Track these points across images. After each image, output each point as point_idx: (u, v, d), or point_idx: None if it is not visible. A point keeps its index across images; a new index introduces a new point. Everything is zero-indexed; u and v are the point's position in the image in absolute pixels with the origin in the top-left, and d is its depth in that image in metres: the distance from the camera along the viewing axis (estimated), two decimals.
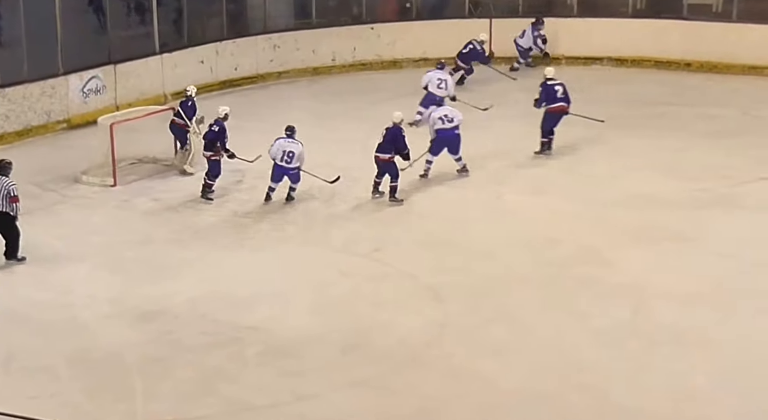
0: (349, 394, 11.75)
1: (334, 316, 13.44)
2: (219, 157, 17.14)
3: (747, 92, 21.99)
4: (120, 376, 12.27)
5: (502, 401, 11.53)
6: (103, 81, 20.99)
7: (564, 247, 15.16)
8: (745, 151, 18.56)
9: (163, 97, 21.41)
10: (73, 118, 20.55)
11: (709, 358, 12.20)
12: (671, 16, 23.59)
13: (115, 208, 17.11)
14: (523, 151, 18.91)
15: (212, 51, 22.62)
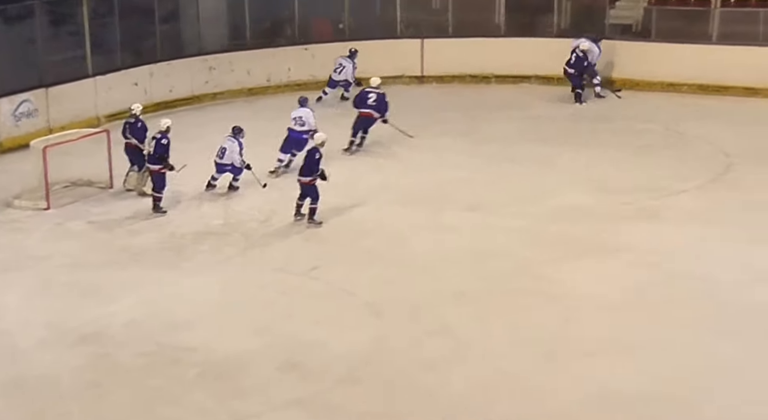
0: (287, 413, 11.65)
1: (272, 336, 13.34)
2: (165, 171, 17.16)
3: (668, 109, 22.29)
4: (57, 401, 12.07)
5: (442, 415, 11.51)
6: (34, 104, 20.76)
7: (499, 261, 15.22)
8: (667, 165, 18.86)
9: (97, 119, 21.21)
10: (4, 141, 20.29)
11: (636, 365, 12.33)
12: (594, 35, 23.80)
13: (48, 232, 16.84)
14: (459, 167, 18.94)
15: (146, 73, 22.46)
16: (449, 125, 21.38)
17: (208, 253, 15.92)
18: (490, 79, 23.89)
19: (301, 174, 16.56)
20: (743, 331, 13.01)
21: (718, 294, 14.01)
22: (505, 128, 21.16)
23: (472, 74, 23.81)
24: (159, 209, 17.24)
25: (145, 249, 16.11)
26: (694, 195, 17.51)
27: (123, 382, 12.35)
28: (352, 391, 12.08)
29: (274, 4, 24.63)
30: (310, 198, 16.48)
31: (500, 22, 25.14)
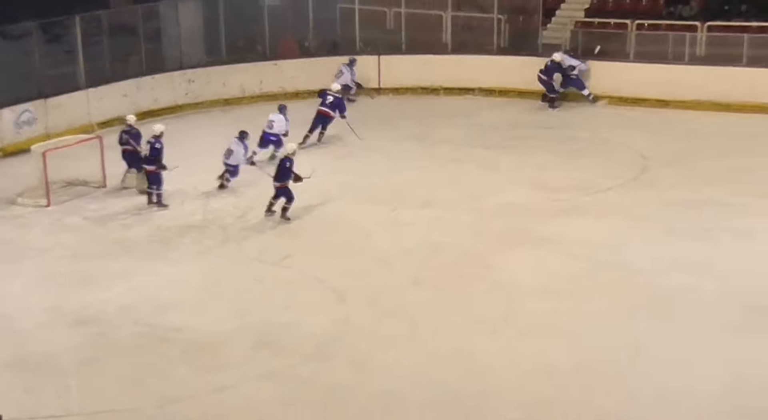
0: (260, 385, 11.74)
1: (248, 317, 13.39)
2: (160, 170, 17.19)
3: (593, 118, 22.32)
4: (57, 375, 12.11)
5: (398, 387, 11.62)
6: (34, 113, 20.63)
7: (449, 252, 15.31)
8: (594, 167, 18.96)
9: (90, 126, 21.10)
10: (7, 147, 20.12)
11: (567, 342, 12.48)
12: (529, 53, 24.00)
13: (49, 226, 16.77)
14: (413, 169, 19.04)
15: (133, 86, 22.36)
16: (403, 131, 21.46)
17: (190, 245, 15.90)
18: (439, 91, 23.98)
19: (275, 179, 16.57)
20: (658, 312, 13.20)
21: (637, 279, 14.17)
22: (453, 134, 21.25)
23: (423, 86, 23.92)
24: (161, 204, 17.31)
25: (135, 241, 16.09)
26: (617, 192, 17.63)
27: (116, 359, 12.40)
28: (318, 366, 12.16)
29: (247, 24, 24.52)
30: (285, 198, 16.50)
31: (447, 41, 25.17)
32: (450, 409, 11.19)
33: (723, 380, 11.56)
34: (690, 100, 22.16)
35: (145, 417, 11.19)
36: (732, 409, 11.02)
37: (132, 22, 23.04)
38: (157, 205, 17.33)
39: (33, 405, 11.16)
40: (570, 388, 11.48)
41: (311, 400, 11.40)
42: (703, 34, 23.02)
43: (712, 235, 15.56)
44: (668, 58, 23.01)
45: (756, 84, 21.69)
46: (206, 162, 18.50)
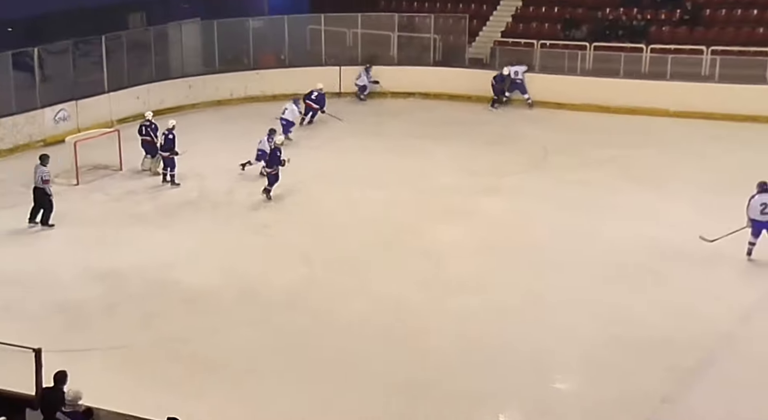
0: (242, 327, 11.73)
1: (232, 274, 13.33)
2: (173, 156, 16.97)
3: (509, 116, 22.23)
4: (84, 316, 12.07)
5: (351, 328, 11.70)
6: (68, 112, 20.24)
7: (394, 223, 15.25)
8: (506, 155, 18.96)
9: (111, 122, 20.73)
10: (48, 138, 19.68)
11: (487, 296, 12.53)
12: (458, 65, 23.91)
13: (78, 201, 16.51)
14: (366, 157, 18.90)
15: (145, 90, 21.97)
16: (358, 127, 21.30)
17: (188, 217, 15.75)
18: (387, 95, 23.82)
19: (266, 165, 16.30)
20: (554, 268, 13.32)
21: (539, 244, 14.26)
22: (398, 129, 21.12)
23: (375, 91, 23.74)
24: (174, 183, 17.08)
25: (145, 213, 15.92)
26: (524, 175, 17.59)
27: (130, 305, 12.37)
28: (288, 313, 12.17)
29: (235, 41, 24.21)
30: (269, 181, 16.24)
31: (394, 55, 25.03)
32: (392, 343, 11.27)
33: (601, 317, 11.78)
34: (580, 103, 22.24)
35: (152, 351, 11.16)
36: (609, 338, 11.22)
37: (145, 40, 22.70)
38: (171, 184, 17.08)
39: (66, 341, 11.06)
40: (486, 328, 11.62)
41: (283, 340, 11.40)
42: (591, 52, 23.08)
43: (596, 209, 15.66)
44: (564, 70, 23.05)
45: (630, 92, 21.82)
46: (202, 150, 18.27)
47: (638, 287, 12.71)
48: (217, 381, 10.41)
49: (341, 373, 10.60)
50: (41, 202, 14.94)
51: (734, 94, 21.09)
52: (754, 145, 19.07)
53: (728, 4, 23.82)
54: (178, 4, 25.28)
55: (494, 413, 10.04)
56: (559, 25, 24.94)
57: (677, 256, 13.63)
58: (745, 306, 12.07)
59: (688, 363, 10.63)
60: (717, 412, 9.69)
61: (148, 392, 10.03)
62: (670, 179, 17.07)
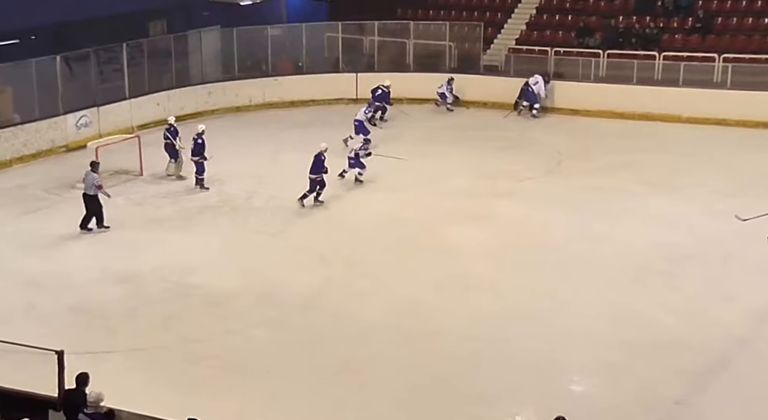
0: (261, 330, 11.74)
1: (252, 277, 13.33)
2: (203, 160, 17.00)
3: (524, 122, 22.11)
4: (105, 319, 12.09)
5: (367, 330, 11.67)
6: (90, 118, 20.32)
7: (410, 226, 15.23)
8: (521, 160, 18.88)
9: (132, 128, 20.84)
10: (70, 143, 19.80)
11: (500, 294, 12.57)
12: (473, 72, 23.81)
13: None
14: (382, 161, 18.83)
15: (165, 97, 22.06)
16: (376, 132, 21.22)
17: (207, 221, 15.77)
18: (403, 101, 23.78)
19: (310, 172, 15.93)
20: (569, 271, 13.28)
21: (554, 246, 14.21)
22: (415, 134, 21.04)
23: (392, 97, 23.73)
24: (203, 186, 17.02)
25: (165, 218, 15.94)
26: (539, 180, 17.57)
27: (150, 308, 12.37)
28: (306, 315, 12.15)
29: (254, 48, 24.28)
30: (311, 189, 15.94)
31: (410, 62, 25.02)
32: (408, 345, 11.24)
33: (615, 320, 11.72)
34: (594, 109, 22.15)
35: (172, 353, 11.16)
36: (623, 341, 11.16)
37: (165, 48, 22.78)
38: (200, 187, 17.03)
39: (88, 343, 11.09)
40: (500, 329, 11.56)
41: (300, 342, 11.39)
42: (604, 59, 23.01)
43: (610, 212, 15.59)
44: (579, 77, 22.96)
45: (643, 98, 21.70)
46: (221, 155, 18.29)
47: (652, 290, 12.63)
48: (237, 382, 10.41)
49: (357, 374, 10.58)
50: (93, 208, 14.87)
51: (746, 101, 20.99)
52: (766, 150, 18.93)
53: (739, 13, 23.81)
54: (198, 13, 25.41)
55: (508, 415, 9.97)
56: (573, 33, 24.88)
57: (690, 258, 13.58)
58: (759, 308, 11.99)
59: (702, 365, 10.57)
60: (730, 414, 9.64)
61: (168, 393, 10.04)
62: (683, 184, 16.97)
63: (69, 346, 9.16)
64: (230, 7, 24.99)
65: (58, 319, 11.94)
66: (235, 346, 11.28)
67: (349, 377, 10.50)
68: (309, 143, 18.59)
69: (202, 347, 11.25)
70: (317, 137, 20.24)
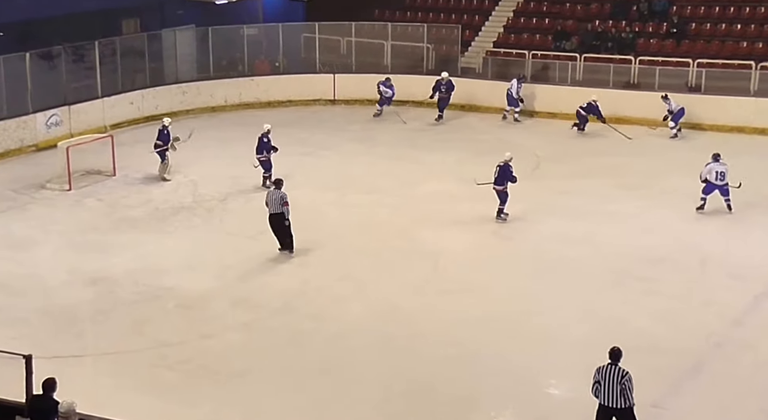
0: (236, 333, 11.55)
1: (227, 279, 13.11)
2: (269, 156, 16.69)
3: (500, 124, 22.01)
4: (75, 322, 11.86)
5: (346, 333, 11.51)
6: (60, 117, 19.96)
7: (388, 229, 15.05)
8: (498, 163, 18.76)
9: (104, 127, 20.53)
10: (39, 143, 19.43)
11: (479, 298, 12.43)
12: (451, 74, 23.49)
13: (70, 206, 16.28)
14: (358, 163, 18.72)
15: (139, 96, 21.77)
16: (352, 134, 21.16)
17: (182, 222, 15.51)
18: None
19: (495, 183, 15.22)
20: (547, 274, 13.20)
21: (531, 250, 14.16)
22: (391, 137, 20.96)
23: (369, 99, 23.50)
24: (267, 184, 16.30)
25: (138, 219, 15.65)
26: (516, 184, 17.35)
27: (121, 311, 12.10)
28: (283, 318, 11.97)
29: (230, 48, 24.06)
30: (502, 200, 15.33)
31: (388, 63, 24.90)
32: (387, 349, 11.08)
33: (594, 324, 11.63)
34: (572, 113, 22.05)
35: (145, 357, 10.91)
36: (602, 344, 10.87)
37: (139, 46, 22.50)
38: (265, 185, 16.43)
39: (56, 347, 10.81)
40: (479, 333, 11.41)
41: (277, 345, 11.19)
42: (581, 63, 23.07)
43: (588, 215, 15.54)
44: (555, 81, 23.01)
45: (618, 101, 21.72)
46: (197, 156, 18.04)
47: (630, 293, 12.59)
48: (211, 386, 10.19)
49: (336, 378, 10.40)
50: (282, 229, 13.62)
51: (720, 106, 21.10)
52: (740, 154, 19.01)
53: (713, 19, 24.03)
54: (172, 11, 25.14)
55: (489, 418, 9.85)
56: (549, 37, 24.93)
57: (667, 262, 13.55)
58: (735, 311, 11.98)
59: (678, 369, 10.52)
60: (707, 418, 9.57)
61: (140, 398, 9.79)
62: (660, 187, 16.98)
63: (37, 350, 8.87)
64: (205, 6, 24.73)
65: (26, 322, 11.63)
66: (210, 349, 11.05)
67: (326, 381, 10.32)
68: (286, 145, 18.50)
69: (175, 351, 10.99)
70: (295, 138, 20.21)
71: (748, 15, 23.66)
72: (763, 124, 20.60)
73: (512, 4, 26.16)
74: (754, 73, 21.31)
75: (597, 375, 8.80)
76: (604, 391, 8.70)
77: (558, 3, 25.75)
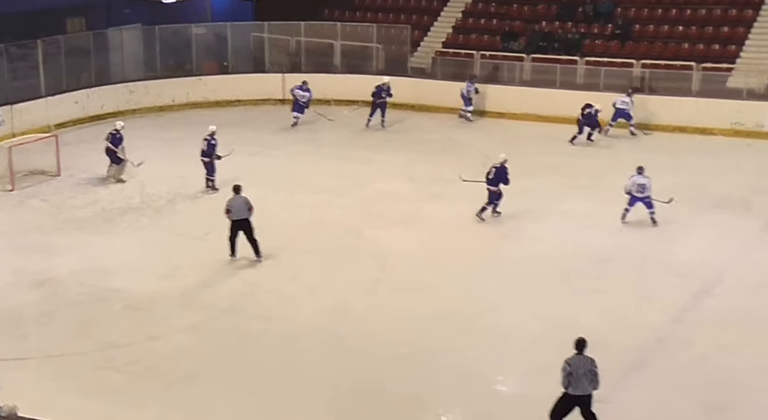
0: (184, 334, 11.42)
1: (175, 280, 12.97)
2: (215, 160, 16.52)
3: (449, 124, 22.18)
4: (18, 325, 11.63)
5: (296, 334, 11.44)
6: (3, 116, 19.51)
7: (338, 229, 15.04)
8: (448, 163, 18.74)
9: (48, 127, 20.12)
10: None
11: (429, 296, 12.50)
12: (400, 74, 23.82)
13: (13, 207, 15.97)
14: (306, 163, 18.68)
15: (84, 95, 21.42)
16: (300, 134, 21.09)
17: (129, 223, 15.31)
18: (330, 102, 23.61)
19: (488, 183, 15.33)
20: (496, 272, 13.32)
21: (480, 248, 14.29)
22: (339, 137, 20.96)
23: (318, 98, 23.45)
24: (214, 188, 16.35)
25: (83, 219, 15.41)
26: (465, 183, 17.51)
27: (67, 313, 11.92)
28: (232, 319, 11.88)
29: (178, 47, 23.79)
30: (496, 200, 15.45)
31: (337, 63, 24.93)
32: (336, 348, 11.07)
33: (542, 321, 11.77)
34: (520, 113, 22.42)
35: (90, 360, 10.74)
36: (549, 342, 11.19)
37: (85, 45, 22.11)
38: (211, 189, 16.37)
39: (1, 349, 10.59)
40: (429, 332, 11.46)
41: (225, 346, 11.11)
42: (528, 63, 23.36)
43: (537, 214, 15.71)
44: (504, 81, 23.24)
45: (567, 102, 22.04)
46: (144, 156, 17.77)
47: (578, 291, 12.77)
48: (158, 389, 10.07)
49: (284, 379, 10.36)
50: (249, 233, 13.25)
51: (663, 106, 21.54)
52: (683, 153, 19.49)
53: (656, 21, 24.51)
54: (119, 10, 24.78)
55: (437, 417, 9.92)
56: (498, 37, 25.18)
57: (614, 261, 13.78)
58: (675, 308, 12.24)
59: (622, 365, 10.67)
60: (647, 412, 9.78)
61: (84, 401, 9.66)
62: (605, 186, 17.22)
63: None
64: (152, 4, 24.40)
65: None
66: (157, 351, 10.92)
67: (275, 382, 10.27)
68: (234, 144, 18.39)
69: (121, 353, 10.84)
70: (243, 138, 20.06)
71: (690, 17, 24.22)
72: (704, 124, 21.10)
73: (461, 5, 26.39)
74: (695, 73, 21.82)
75: (568, 367, 8.99)
76: (576, 380, 8.89)
77: (506, 4, 26.06)
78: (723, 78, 21.82)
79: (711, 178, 17.57)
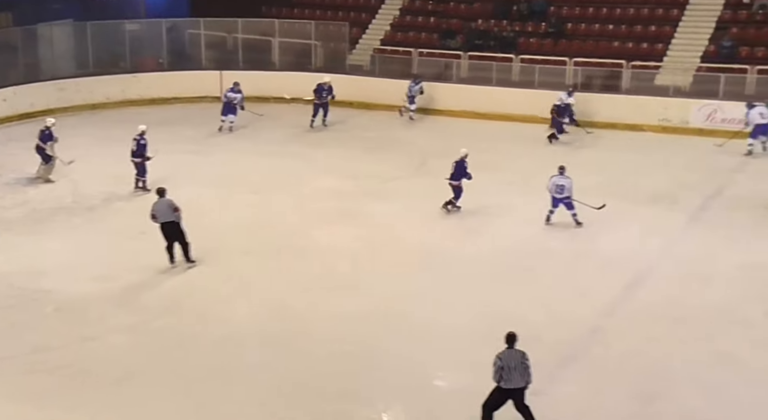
0: (119, 335, 11.24)
1: (109, 281, 12.73)
2: (145, 161, 16.16)
3: (388, 122, 22.24)
4: None
5: (234, 333, 11.32)
6: None
7: (275, 227, 14.97)
8: (386, 160, 18.97)
9: None
10: None
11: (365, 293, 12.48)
12: (339, 71, 23.80)
13: None
14: (245, 162, 18.49)
15: (11, 92, 20.89)
16: (239, 132, 20.91)
17: (61, 223, 15.00)
18: (269, 100, 23.45)
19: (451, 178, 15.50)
20: (435, 268, 13.43)
21: (420, 245, 14.34)
22: (278, 134, 20.85)
23: (257, 96, 23.23)
24: (145, 189, 15.98)
25: (12, 220, 15.03)
26: (404, 180, 17.66)
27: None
28: (168, 319, 11.72)
29: (111, 44, 23.37)
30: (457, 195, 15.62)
31: (276, 60, 24.79)
32: (273, 347, 11.01)
33: (480, 316, 11.88)
34: (457, 110, 22.62)
35: (18, 363, 10.47)
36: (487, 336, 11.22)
37: (13, 41, 21.62)
38: (142, 190, 16.01)
39: None
40: (368, 329, 11.48)
41: (162, 347, 10.95)
42: (465, 61, 23.59)
43: (475, 211, 15.85)
44: (441, 78, 23.41)
45: (501, 99, 22.35)
46: (76, 154, 17.39)
47: (513, 286, 12.93)
48: (91, 391, 9.88)
49: (221, 378, 10.25)
50: (178, 236, 13.04)
51: (595, 102, 21.96)
52: (614, 150, 19.93)
53: (588, 19, 25.02)
54: (48, 5, 24.13)
55: (376, 414, 9.95)
56: (435, 35, 25.36)
57: (547, 254, 14.01)
58: (607, 301, 12.50)
59: (557, 358, 10.86)
60: (581, 404, 9.96)
61: (13, 406, 9.43)
62: (540, 182, 17.46)
63: None
64: (84, 0, 23.91)
65: None
66: (91, 353, 10.71)
67: (212, 382, 10.16)
68: (170, 142, 18.23)
69: (53, 356, 10.61)
70: (180, 136, 19.80)
71: (620, 16, 24.79)
72: (634, 121, 21.61)
73: (398, 3, 26.54)
74: (625, 71, 22.34)
75: (499, 361, 9.10)
76: (508, 374, 9.00)
77: (443, 2, 26.30)
78: (651, 76, 22.40)
79: (641, 174, 18.01)
